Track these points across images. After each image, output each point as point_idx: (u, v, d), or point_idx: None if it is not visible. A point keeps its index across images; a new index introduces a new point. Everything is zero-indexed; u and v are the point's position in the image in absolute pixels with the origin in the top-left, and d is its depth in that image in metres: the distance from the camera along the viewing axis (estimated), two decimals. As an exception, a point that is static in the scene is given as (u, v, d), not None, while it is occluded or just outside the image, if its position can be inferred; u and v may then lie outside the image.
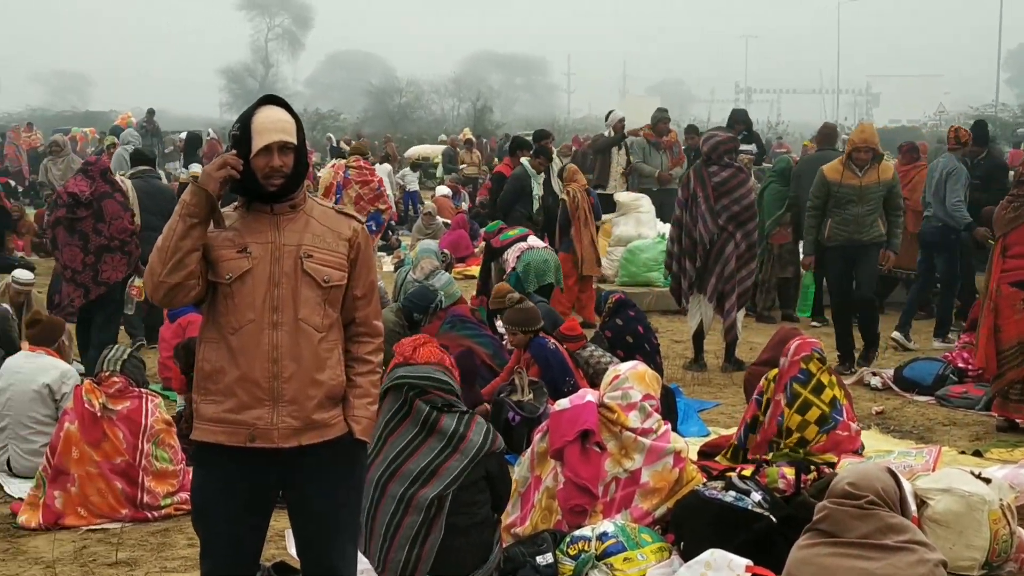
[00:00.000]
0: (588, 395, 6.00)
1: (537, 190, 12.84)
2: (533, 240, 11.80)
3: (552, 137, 15.62)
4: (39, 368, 7.22)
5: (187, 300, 3.82)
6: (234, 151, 3.82)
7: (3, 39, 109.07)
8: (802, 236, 10.92)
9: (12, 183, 25.10)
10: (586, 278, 12.44)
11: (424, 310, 8.50)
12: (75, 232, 9.39)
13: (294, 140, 3.84)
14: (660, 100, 48.63)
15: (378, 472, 4.93)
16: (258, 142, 3.78)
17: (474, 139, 32.08)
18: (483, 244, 12.87)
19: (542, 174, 12.95)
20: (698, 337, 10.27)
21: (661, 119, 15.58)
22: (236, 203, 3.96)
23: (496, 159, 32.46)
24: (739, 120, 15.56)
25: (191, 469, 6.34)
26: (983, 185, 11.71)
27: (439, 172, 29.31)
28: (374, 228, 13.14)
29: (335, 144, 31.49)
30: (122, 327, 11.53)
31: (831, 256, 10.05)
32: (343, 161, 13.75)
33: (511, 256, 11.68)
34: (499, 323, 9.21)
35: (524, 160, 13.02)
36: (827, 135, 12.66)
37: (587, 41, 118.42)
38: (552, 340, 8.15)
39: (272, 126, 3.81)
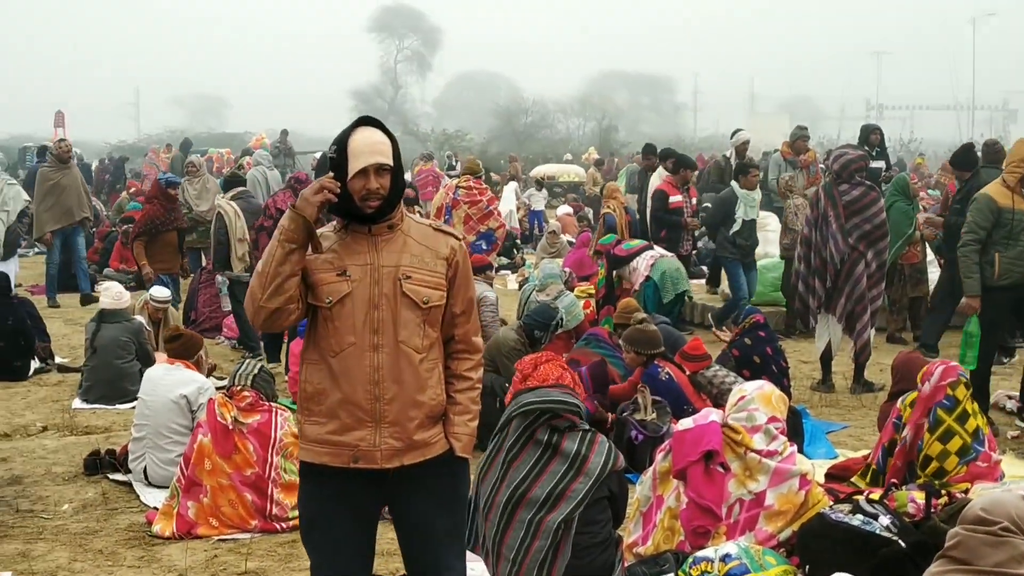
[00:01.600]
0: (712, 415, 5.94)
1: (745, 212, 12.39)
2: (659, 249, 11.74)
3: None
4: (178, 380, 7.45)
5: (287, 323, 3.88)
6: (331, 173, 3.85)
7: (145, 63, 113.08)
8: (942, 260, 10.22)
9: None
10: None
11: (545, 328, 8.52)
12: None
13: (390, 162, 3.85)
14: (789, 118, 47.97)
15: (504, 497, 4.92)
16: (355, 164, 3.80)
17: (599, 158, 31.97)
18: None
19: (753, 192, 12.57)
20: (826, 358, 10.09)
21: (800, 137, 15.16)
22: (334, 223, 4.00)
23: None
24: (869, 136, 15.28)
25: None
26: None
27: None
28: (485, 247, 13.12)
29: (452, 163, 31.79)
30: (240, 344, 11.90)
31: (997, 297, 8.54)
32: (454, 182, 13.80)
33: (642, 265, 11.65)
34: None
35: (733, 183, 12.69)
36: (993, 150, 11.26)
37: (714, 59, 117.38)
38: (667, 368, 8.08)
39: (368, 148, 3.82)
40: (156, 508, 6.76)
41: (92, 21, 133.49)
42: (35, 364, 11.16)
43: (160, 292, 11.28)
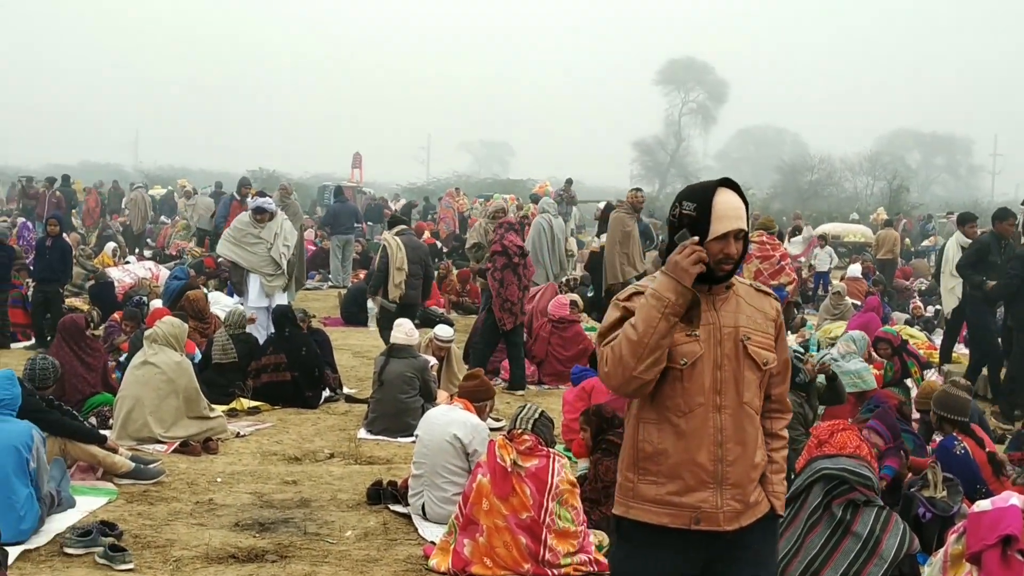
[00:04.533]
0: (1012, 498, 5.55)
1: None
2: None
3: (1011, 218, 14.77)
4: (452, 420, 7.63)
5: (646, 392, 3.82)
6: (684, 230, 3.81)
7: (437, 112, 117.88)
8: None
9: (438, 244, 26.96)
10: None
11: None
12: (516, 274, 12.46)
13: (747, 228, 3.86)
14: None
15: (797, 571, 4.77)
16: (717, 228, 3.79)
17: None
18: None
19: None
20: None
21: None
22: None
23: (907, 239, 31.22)
24: None
25: (590, 532, 6.48)
26: None
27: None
28: (777, 302, 12.97)
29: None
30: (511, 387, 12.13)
31: None
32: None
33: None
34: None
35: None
36: None
37: (1016, 120, 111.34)
38: (965, 442, 7.63)
39: (732, 213, 3.82)
40: (434, 543, 6.92)
41: (390, 73, 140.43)
42: (325, 393, 11.72)
43: (444, 331, 11.64)
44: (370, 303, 13.37)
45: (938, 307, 17.97)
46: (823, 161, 64.05)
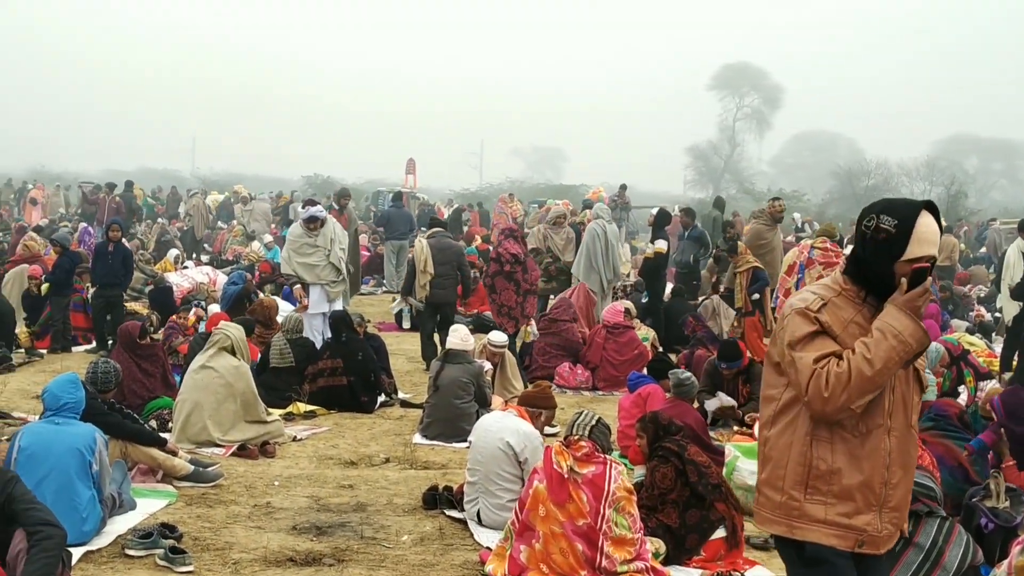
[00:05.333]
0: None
1: None
2: None
3: None
4: (505, 428, 7.64)
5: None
6: (883, 238, 3.77)
7: (489, 117, 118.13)
8: None
9: (491, 249, 26.96)
10: None
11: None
12: (511, 280, 13.29)
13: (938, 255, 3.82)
14: None
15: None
16: (915, 250, 3.75)
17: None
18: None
19: None
20: None
21: None
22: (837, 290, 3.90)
23: (963, 245, 30.80)
24: None
25: (646, 539, 6.46)
26: None
27: None
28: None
29: (799, 225, 31.18)
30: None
31: None
32: (809, 241, 13.65)
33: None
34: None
35: None
36: None
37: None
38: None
39: (933, 238, 3.78)
40: (490, 548, 6.93)
41: (443, 78, 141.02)
42: (380, 398, 11.78)
43: (498, 337, 11.67)
44: (400, 304, 13.85)
45: (997, 314, 17.73)
46: (879, 166, 63.27)
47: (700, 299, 17.02)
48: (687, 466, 7.15)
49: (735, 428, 10.52)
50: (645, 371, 10.83)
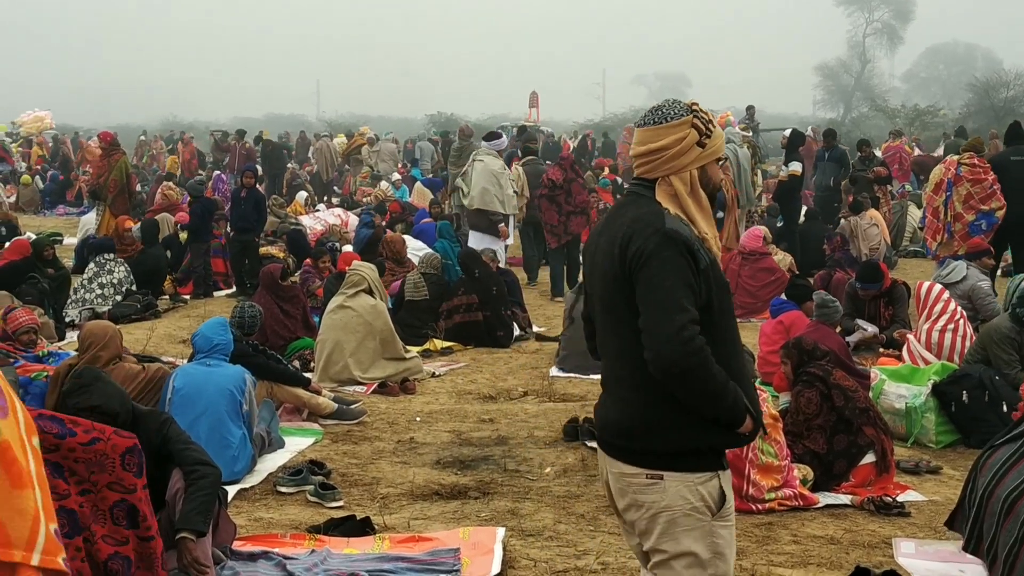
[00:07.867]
0: None
1: None
2: None
3: None
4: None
5: None
6: None
7: (611, 46, 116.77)
8: None
9: (619, 180, 26.74)
10: None
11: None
12: (554, 203, 14.53)
13: None
14: None
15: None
16: None
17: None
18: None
19: None
20: None
21: None
22: None
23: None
24: None
25: (794, 466, 6.36)
26: None
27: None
28: (984, 228, 12.52)
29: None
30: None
31: None
32: (955, 157, 13.15)
33: None
34: None
35: None
36: None
37: None
38: None
39: None
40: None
41: (562, 8, 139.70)
42: (516, 332, 11.81)
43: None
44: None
45: None
46: (1019, 76, 60.67)
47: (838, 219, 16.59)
48: (832, 391, 6.99)
49: (881, 351, 10.26)
50: (784, 297, 10.61)
